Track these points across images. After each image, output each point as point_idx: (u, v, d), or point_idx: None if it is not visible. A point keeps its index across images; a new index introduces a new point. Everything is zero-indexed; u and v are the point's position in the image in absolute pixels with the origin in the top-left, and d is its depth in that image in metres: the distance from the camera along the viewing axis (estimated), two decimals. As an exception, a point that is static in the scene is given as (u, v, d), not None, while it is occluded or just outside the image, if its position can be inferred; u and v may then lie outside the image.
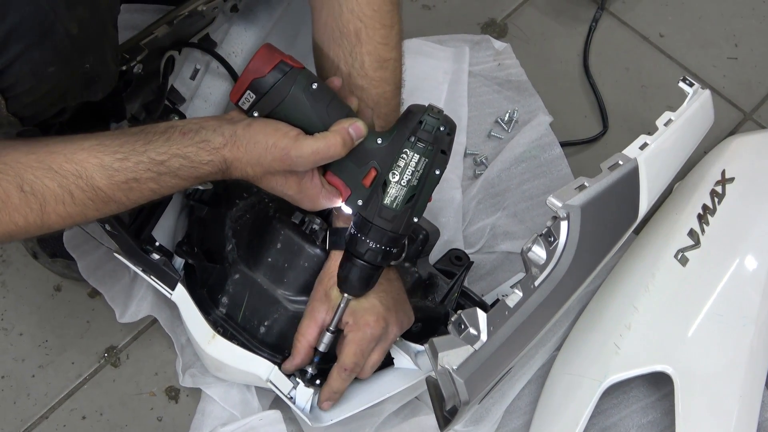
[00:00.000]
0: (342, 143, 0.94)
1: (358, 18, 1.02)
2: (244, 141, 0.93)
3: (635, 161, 1.06)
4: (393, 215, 0.98)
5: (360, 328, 1.04)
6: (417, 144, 0.97)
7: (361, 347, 1.05)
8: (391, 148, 0.98)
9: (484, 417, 1.22)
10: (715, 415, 1.16)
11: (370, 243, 0.99)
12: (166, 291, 1.10)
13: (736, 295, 1.22)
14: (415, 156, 0.98)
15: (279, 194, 0.99)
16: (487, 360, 0.90)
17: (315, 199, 0.99)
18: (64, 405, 1.23)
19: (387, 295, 1.06)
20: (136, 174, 0.90)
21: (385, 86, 1.06)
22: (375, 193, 0.98)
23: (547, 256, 0.96)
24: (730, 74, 1.62)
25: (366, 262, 1.00)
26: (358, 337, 1.04)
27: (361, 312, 1.04)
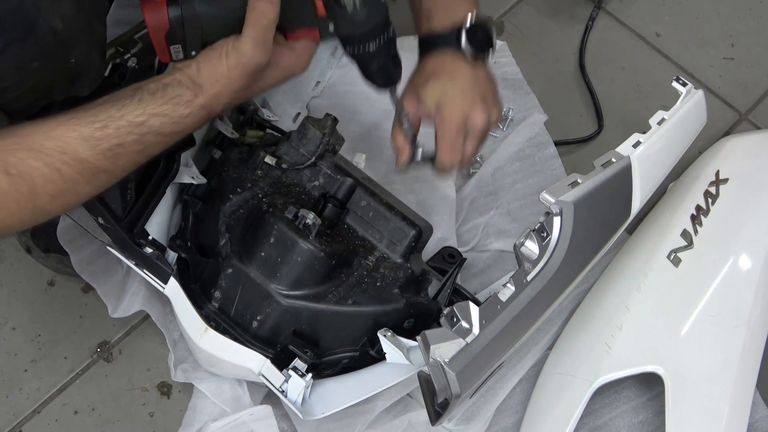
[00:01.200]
0: (266, 4, 0.92)
1: None
2: (205, 83, 0.92)
3: (628, 159, 1.06)
4: (365, 13, 0.97)
5: (443, 122, 1.09)
6: None
7: (450, 142, 1.09)
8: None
9: (476, 415, 1.23)
10: (705, 416, 1.16)
11: (367, 47, 1.00)
12: (159, 285, 1.10)
13: (729, 297, 1.22)
14: None
15: (271, 89, 1.00)
16: (478, 353, 0.90)
17: (298, 64, 0.99)
18: (56, 400, 1.23)
19: (472, 89, 1.09)
20: (120, 139, 0.89)
21: None
22: (335, 11, 0.97)
23: (539, 251, 0.96)
24: (726, 74, 1.62)
25: (379, 60, 1.03)
26: (447, 134, 1.09)
27: (443, 105, 1.08)
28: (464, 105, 1.08)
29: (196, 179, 1.18)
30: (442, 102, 1.09)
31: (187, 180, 1.17)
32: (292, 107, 1.46)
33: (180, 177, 1.16)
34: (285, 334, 1.10)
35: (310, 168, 1.19)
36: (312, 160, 1.18)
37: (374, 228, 1.17)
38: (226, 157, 1.22)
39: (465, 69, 1.10)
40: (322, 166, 1.19)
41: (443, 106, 1.08)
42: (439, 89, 1.09)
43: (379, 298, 1.12)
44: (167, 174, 1.13)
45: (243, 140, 1.27)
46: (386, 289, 1.13)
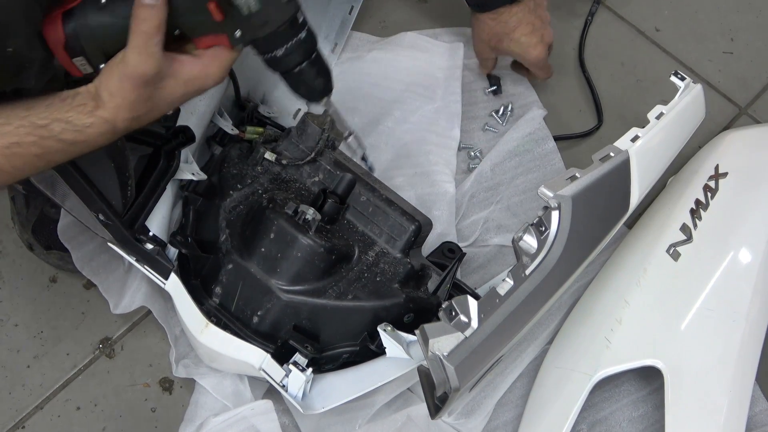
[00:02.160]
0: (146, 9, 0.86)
1: None
2: (104, 94, 0.88)
3: (626, 153, 1.07)
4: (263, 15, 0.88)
5: (531, 63, 1.45)
6: None
7: (544, 68, 1.47)
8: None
9: (476, 410, 1.23)
10: (705, 409, 1.16)
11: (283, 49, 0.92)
12: (160, 281, 1.10)
13: (728, 291, 1.22)
14: None
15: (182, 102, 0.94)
16: (477, 347, 0.90)
17: (207, 74, 0.91)
18: (58, 396, 1.23)
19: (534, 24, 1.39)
20: (18, 138, 0.86)
21: None
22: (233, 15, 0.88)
23: (538, 245, 0.96)
24: (726, 69, 1.62)
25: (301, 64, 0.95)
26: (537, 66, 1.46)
27: (527, 56, 1.42)
28: (538, 42, 1.40)
29: (196, 175, 1.19)
30: (522, 51, 1.42)
31: (187, 176, 1.17)
32: (292, 104, 1.47)
33: (180, 173, 1.16)
34: (285, 329, 1.11)
35: (310, 164, 1.20)
36: (312, 156, 1.19)
37: (374, 223, 1.18)
38: (227, 153, 1.23)
39: (521, 14, 1.37)
40: (322, 162, 1.20)
41: (526, 52, 1.42)
42: (516, 45, 1.41)
43: (378, 293, 1.13)
44: (167, 170, 1.13)
45: (243, 136, 1.28)
46: (386, 284, 1.14)
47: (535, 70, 1.47)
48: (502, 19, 1.38)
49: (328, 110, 1.05)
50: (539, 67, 1.46)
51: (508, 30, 1.38)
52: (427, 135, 1.47)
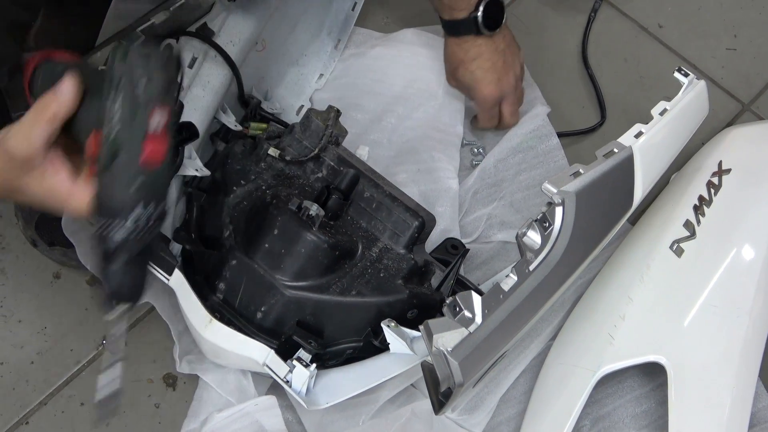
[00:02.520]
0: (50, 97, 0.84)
1: None
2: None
3: (630, 149, 1.07)
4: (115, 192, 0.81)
5: (480, 102, 1.37)
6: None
7: (488, 113, 1.39)
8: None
9: (479, 406, 1.23)
10: (708, 405, 1.16)
11: (109, 228, 0.82)
12: (164, 277, 1.10)
13: (731, 287, 1.22)
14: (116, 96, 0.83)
15: (38, 207, 0.91)
16: (481, 342, 0.90)
17: (71, 198, 0.86)
18: (62, 391, 1.23)
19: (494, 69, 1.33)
20: None
21: None
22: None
23: (541, 241, 0.96)
24: (729, 65, 1.62)
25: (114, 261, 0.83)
26: (482, 108, 1.38)
27: (477, 91, 1.35)
28: (492, 82, 1.34)
29: (200, 171, 1.19)
30: (473, 86, 1.35)
31: (191, 172, 1.17)
32: (296, 100, 1.47)
33: (184, 169, 1.16)
34: (289, 324, 1.11)
35: (314, 160, 1.20)
36: (315, 152, 1.19)
37: (377, 219, 1.18)
38: (230, 149, 1.23)
39: (485, 47, 1.32)
40: (326, 158, 1.20)
41: (475, 89, 1.35)
42: (469, 76, 1.34)
43: (382, 288, 1.13)
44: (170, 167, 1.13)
45: (246, 133, 1.28)
46: (389, 280, 1.14)
47: (481, 111, 1.40)
48: (466, 47, 1.33)
49: None
50: (485, 108, 1.38)
51: (467, 59, 1.34)
52: (430, 131, 1.47)
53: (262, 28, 1.33)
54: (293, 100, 1.47)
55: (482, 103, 1.37)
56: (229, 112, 1.29)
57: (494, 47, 1.33)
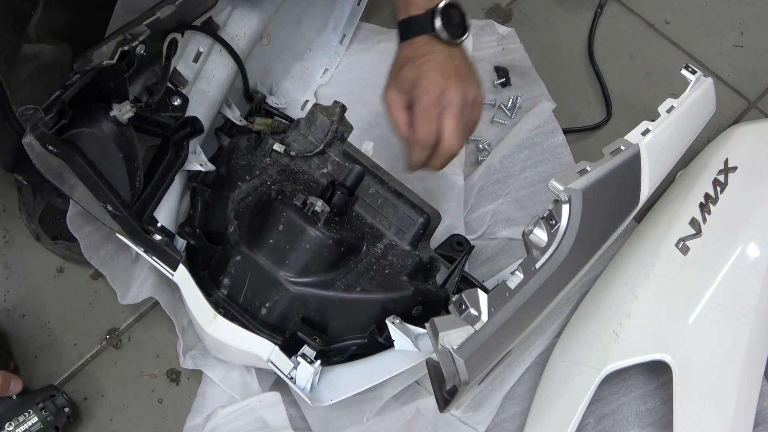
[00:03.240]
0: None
1: None
2: None
3: (637, 147, 1.06)
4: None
5: (420, 97, 1.12)
6: (42, 411, 1.11)
7: (427, 114, 1.12)
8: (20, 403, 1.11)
9: (483, 403, 1.23)
10: (713, 404, 1.16)
11: None
12: (168, 272, 1.10)
13: (737, 285, 1.22)
14: (33, 418, 1.11)
15: None
16: (487, 341, 0.90)
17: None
18: (65, 386, 1.23)
19: (445, 68, 1.13)
20: None
21: None
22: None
23: (548, 239, 0.96)
24: (736, 62, 1.62)
25: None
26: (420, 107, 1.12)
27: (417, 83, 1.12)
28: (438, 80, 1.12)
29: (204, 166, 1.18)
30: (416, 81, 1.12)
31: (195, 167, 1.17)
32: (301, 95, 1.47)
33: (189, 164, 1.16)
34: (293, 321, 1.10)
35: (319, 155, 1.19)
36: (320, 147, 1.18)
37: (382, 215, 1.17)
38: (235, 144, 1.22)
39: (438, 49, 1.14)
40: (331, 154, 1.19)
41: (418, 84, 1.12)
42: (415, 71, 1.13)
43: (387, 285, 1.12)
44: (176, 161, 1.13)
45: (251, 127, 1.27)
46: (394, 277, 1.13)
47: (419, 112, 1.13)
48: (416, 45, 1.16)
49: None
50: (424, 105, 1.12)
51: (416, 55, 1.15)
52: (435, 127, 1.46)
53: (268, 22, 1.32)
54: (298, 94, 1.46)
55: (423, 100, 1.12)
56: (234, 106, 1.28)
57: (448, 54, 1.15)
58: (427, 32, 1.14)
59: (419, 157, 1.16)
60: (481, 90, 1.18)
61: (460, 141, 1.15)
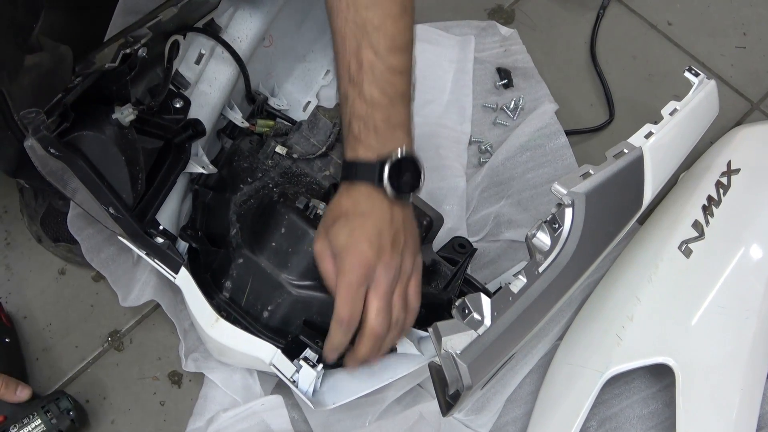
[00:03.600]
0: None
1: None
2: None
3: (640, 150, 1.06)
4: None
5: (344, 273, 0.96)
6: (46, 414, 1.12)
7: (350, 293, 0.96)
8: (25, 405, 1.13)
9: (486, 406, 1.23)
10: (716, 407, 1.16)
11: None
12: (170, 274, 1.10)
13: (740, 288, 1.22)
14: (37, 420, 1.12)
15: None
16: (490, 345, 0.90)
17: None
18: (67, 388, 1.23)
19: (380, 237, 0.96)
20: None
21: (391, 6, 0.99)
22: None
23: (551, 242, 0.96)
24: (738, 64, 1.62)
25: None
26: (344, 282, 0.96)
27: (346, 255, 0.96)
28: (366, 256, 0.96)
29: (206, 169, 1.18)
30: (344, 250, 0.97)
31: (197, 170, 1.17)
32: (303, 96, 1.46)
33: (191, 167, 1.16)
34: (296, 324, 1.10)
35: (321, 158, 1.19)
36: (323, 149, 1.18)
37: (385, 218, 1.17)
38: (237, 146, 1.22)
39: (379, 207, 0.98)
40: (333, 156, 1.19)
41: (344, 255, 0.96)
42: (345, 235, 0.97)
43: (389, 288, 1.12)
44: (178, 163, 1.13)
45: (253, 129, 1.27)
46: (396, 280, 1.13)
47: (341, 290, 0.98)
48: (356, 196, 0.98)
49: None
50: (347, 283, 0.97)
51: (352, 213, 0.98)
52: (437, 129, 1.46)
53: (270, 23, 1.32)
54: (300, 95, 1.46)
55: (346, 273, 0.96)
56: (236, 108, 1.28)
57: (389, 214, 0.98)
58: (371, 181, 0.97)
59: (339, 339, 1.00)
60: (418, 260, 1.03)
61: (386, 324, 0.99)
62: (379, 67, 0.98)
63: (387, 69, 0.99)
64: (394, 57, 0.99)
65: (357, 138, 0.98)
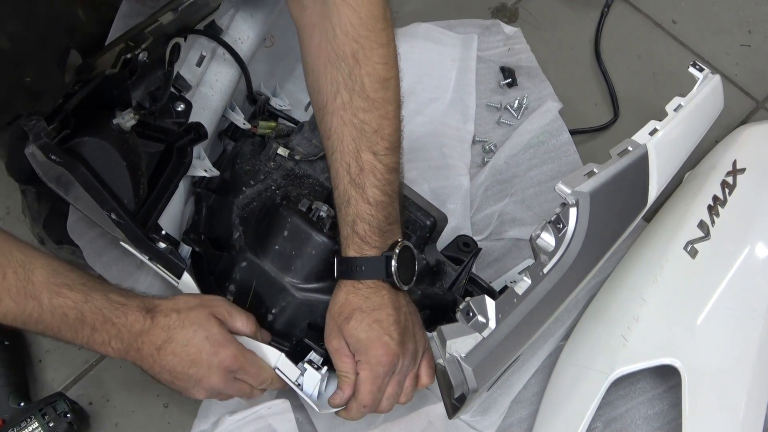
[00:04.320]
0: None
1: (354, 39, 1.01)
2: None
3: (645, 147, 1.06)
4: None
5: (372, 366, 1.01)
6: (43, 417, 1.12)
7: (376, 384, 1.02)
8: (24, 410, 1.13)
9: (491, 407, 1.22)
10: (722, 408, 1.15)
11: None
12: (173, 279, 1.10)
13: (746, 288, 1.21)
14: (34, 423, 1.11)
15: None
16: (495, 348, 0.89)
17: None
18: (70, 391, 1.22)
19: (397, 327, 1.02)
20: (67, 309, 0.94)
21: (387, 106, 1.04)
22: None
23: (555, 242, 0.95)
24: (743, 62, 1.61)
25: None
26: (371, 375, 1.01)
27: (371, 349, 1.01)
28: (392, 349, 1.01)
29: (209, 172, 1.18)
30: (368, 346, 1.01)
31: (200, 173, 1.17)
32: (304, 95, 1.45)
33: (193, 170, 1.15)
34: (300, 327, 1.10)
35: (323, 159, 1.18)
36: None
37: (388, 219, 1.17)
38: (239, 148, 1.22)
39: (387, 299, 1.02)
40: (335, 158, 1.18)
41: (370, 346, 1.01)
42: (364, 330, 1.01)
43: (393, 290, 1.12)
44: (180, 167, 1.13)
45: (255, 131, 1.26)
46: (401, 281, 1.13)
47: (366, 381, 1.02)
48: (365, 292, 1.03)
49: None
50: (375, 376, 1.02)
51: (366, 308, 1.02)
52: (440, 128, 1.46)
53: (271, 23, 1.31)
54: (302, 95, 1.45)
55: (374, 367, 1.01)
56: (238, 109, 1.28)
57: (396, 304, 1.03)
58: (379, 277, 1.02)
59: (357, 415, 1.05)
60: (426, 338, 1.08)
61: (393, 405, 1.06)
62: (379, 168, 1.03)
63: (386, 169, 1.03)
64: (392, 157, 1.04)
65: (362, 238, 1.03)
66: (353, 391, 1.02)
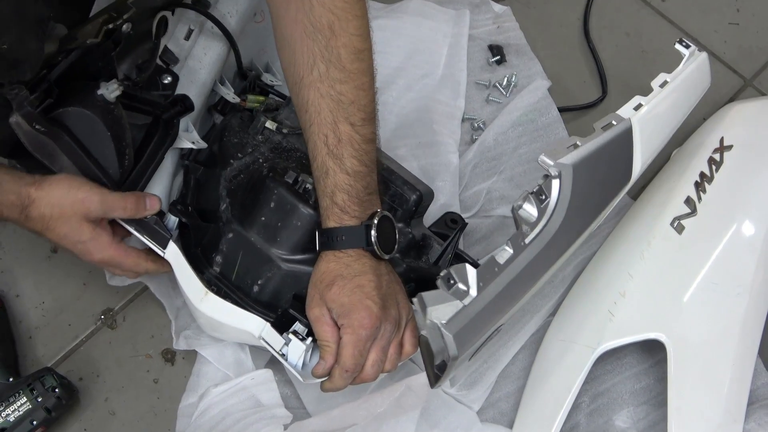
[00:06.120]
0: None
1: (330, 11, 1.02)
2: None
3: (629, 121, 1.06)
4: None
5: (354, 329, 1.01)
6: (31, 392, 1.13)
7: (358, 348, 1.02)
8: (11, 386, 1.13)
9: (478, 381, 1.23)
10: (707, 382, 1.16)
11: None
12: (159, 249, 1.10)
13: (731, 264, 1.21)
14: (22, 398, 1.12)
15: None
16: (476, 315, 0.90)
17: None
18: (60, 366, 1.23)
19: (378, 292, 1.02)
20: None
21: (363, 77, 1.05)
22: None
23: (538, 214, 0.96)
24: (731, 40, 1.61)
25: None
26: (353, 339, 1.01)
27: (354, 312, 1.01)
28: (374, 313, 1.01)
29: (196, 144, 1.18)
30: (350, 310, 1.01)
31: (187, 145, 1.17)
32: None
33: (180, 142, 1.15)
34: (285, 298, 1.10)
35: (312, 133, 1.19)
36: (312, 124, 1.17)
37: (374, 192, 1.17)
38: (228, 122, 1.22)
39: (368, 266, 1.03)
40: (323, 131, 1.18)
41: (352, 315, 1.01)
42: (346, 296, 1.01)
43: (379, 262, 1.12)
44: (166, 139, 1.13)
45: (244, 105, 1.27)
46: (386, 254, 1.13)
47: (349, 346, 1.02)
48: (346, 261, 1.03)
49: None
50: (358, 340, 1.02)
51: (347, 275, 1.02)
52: (431, 104, 1.46)
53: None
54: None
55: (356, 330, 1.01)
56: (228, 84, 1.28)
57: (377, 272, 1.04)
58: (360, 246, 1.03)
59: (341, 384, 1.04)
60: (410, 307, 1.08)
61: (378, 372, 1.05)
62: (356, 139, 1.04)
63: (363, 140, 1.04)
64: (368, 128, 1.05)
65: (342, 209, 1.03)
66: (335, 359, 1.03)
